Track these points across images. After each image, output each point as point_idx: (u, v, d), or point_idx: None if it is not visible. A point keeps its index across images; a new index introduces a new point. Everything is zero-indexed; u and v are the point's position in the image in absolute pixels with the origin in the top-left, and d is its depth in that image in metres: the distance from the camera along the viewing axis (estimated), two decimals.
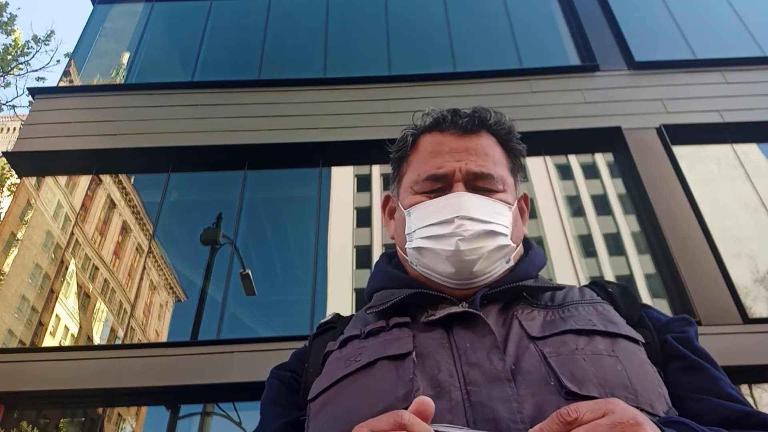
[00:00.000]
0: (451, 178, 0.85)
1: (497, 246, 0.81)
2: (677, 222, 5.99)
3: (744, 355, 5.03)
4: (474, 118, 0.89)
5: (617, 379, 0.64)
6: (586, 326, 0.72)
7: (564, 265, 6.11)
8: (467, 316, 0.74)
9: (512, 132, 0.92)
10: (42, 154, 6.91)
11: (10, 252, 6.83)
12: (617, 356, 0.68)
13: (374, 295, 0.88)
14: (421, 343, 0.72)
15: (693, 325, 0.82)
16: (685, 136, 6.70)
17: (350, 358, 0.75)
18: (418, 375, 0.67)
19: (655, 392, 0.66)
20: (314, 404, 0.73)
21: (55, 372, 5.28)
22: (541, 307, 0.78)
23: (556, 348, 0.68)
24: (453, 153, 0.86)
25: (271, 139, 6.90)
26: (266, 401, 0.84)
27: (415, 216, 0.85)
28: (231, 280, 6.13)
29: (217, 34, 8.71)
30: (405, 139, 0.93)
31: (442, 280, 0.82)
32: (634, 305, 0.82)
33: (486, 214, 0.82)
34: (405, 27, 8.59)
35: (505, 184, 0.88)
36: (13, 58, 14.85)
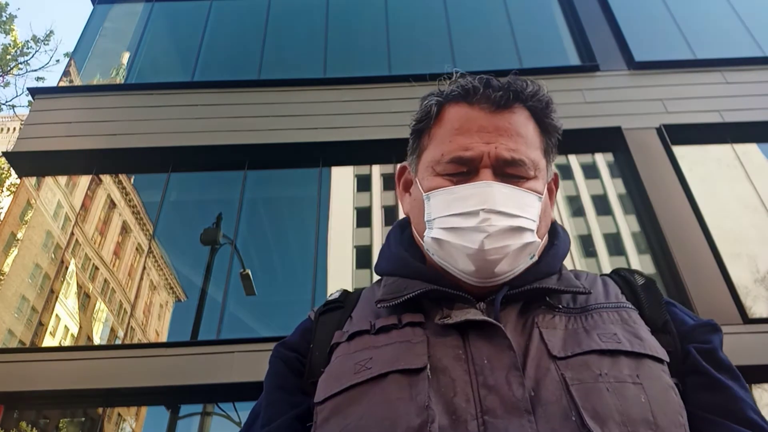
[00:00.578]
0: (478, 163, 0.77)
1: (522, 244, 0.75)
2: (677, 222, 5.99)
3: (744, 355, 5.02)
4: (509, 92, 0.79)
5: (640, 414, 0.61)
6: (611, 345, 0.68)
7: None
8: (485, 324, 0.69)
9: (550, 106, 0.85)
10: (42, 154, 6.91)
11: (10, 252, 6.83)
12: (641, 383, 0.64)
13: (384, 279, 0.83)
14: (435, 353, 0.68)
15: (719, 331, 0.77)
16: (685, 136, 6.70)
17: (360, 362, 0.71)
18: (432, 398, 0.63)
19: (677, 423, 0.63)
20: (321, 409, 0.70)
21: (55, 372, 5.28)
22: (563, 312, 0.73)
23: (578, 373, 0.64)
24: (482, 133, 0.78)
25: (271, 139, 6.90)
26: (272, 385, 0.81)
27: (436, 202, 0.78)
28: (231, 280, 6.13)
29: (217, 34, 8.71)
30: (429, 109, 0.83)
31: (459, 275, 0.76)
32: (659, 306, 0.77)
33: (514, 206, 0.75)
34: (405, 27, 8.59)
35: (537, 168, 0.80)
36: (12, 58, 14.85)
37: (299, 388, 0.78)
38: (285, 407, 0.76)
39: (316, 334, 0.82)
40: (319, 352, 0.79)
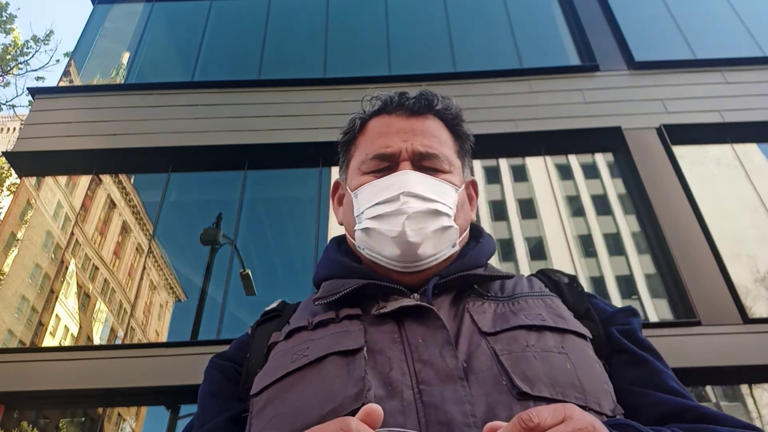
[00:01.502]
0: (397, 157, 0.85)
1: (441, 227, 0.80)
2: (677, 222, 5.99)
3: (744, 355, 5.03)
4: (421, 100, 0.89)
5: (567, 378, 0.65)
6: (536, 321, 0.72)
7: (564, 265, 6.11)
8: (419, 310, 0.72)
9: (459, 116, 0.93)
10: (42, 154, 6.91)
11: (10, 252, 6.83)
12: (567, 353, 0.68)
13: (323, 284, 0.85)
14: (372, 338, 0.71)
15: (637, 315, 0.83)
16: (685, 136, 6.70)
17: (297, 352, 0.72)
18: (369, 373, 0.65)
19: (602, 390, 0.67)
20: (257, 400, 0.70)
21: (55, 372, 5.28)
22: (492, 299, 0.78)
23: (507, 345, 0.68)
24: (400, 133, 0.87)
25: (271, 139, 6.90)
26: (205, 393, 0.81)
27: (362, 197, 0.85)
28: (231, 280, 6.13)
29: (217, 34, 8.71)
30: (353, 122, 0.94)
31: (387, 262, 0.81)
32: (581, 297, 0.83)
33: (431, 192, 0.82)
34: (405, 27, 8.59)
35: (452, 165, 0.88)
36: (12, 58, 14.85)
37: (235, 396, 0.78)
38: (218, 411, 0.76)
39: (253, 344, 0.82)
40: (255, 358, 0.79)
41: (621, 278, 6.16)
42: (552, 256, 6.28)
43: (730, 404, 5.28)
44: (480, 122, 6.97)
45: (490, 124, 6.95)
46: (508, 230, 6.66)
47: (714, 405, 5.26)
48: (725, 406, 5.24)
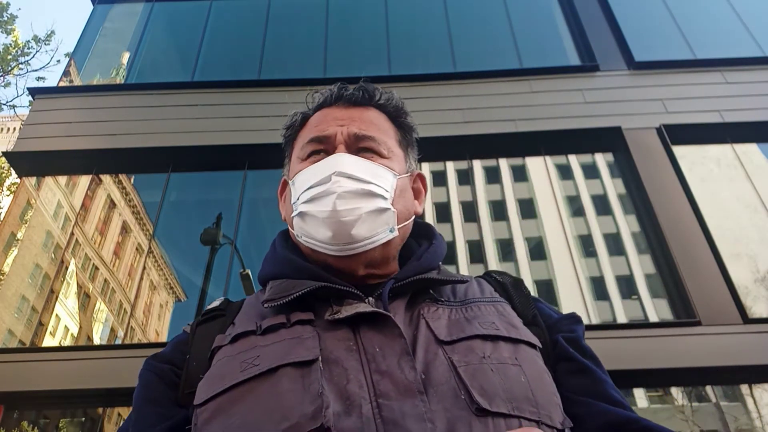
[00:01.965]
0: (333, 140, 0.83)
1: (376, 208, 0.78)
2: (677, 222, 5.99)
3: (744, 355, 5.03)
4: (362, 92, 0.88)
5: (522, 392, 0.65)
6: (491, 331, 0.71)
7: (564, 265, 6.11)
8: (375, 316, 0.70)
9: (401, 108, 0.91)
10: (42, 154, 6.91)
11: (10, 252, 6.83)
12: (520, 365, 0.68)
13: (270, 283, 0.80)
14: (327, 347, 0.67)
15: (581, 323, 0.83)
16: (685, 136, 6.70)
17: (246, 360, 0.67)
18: (325, 386, 0.62)
19: (553, 403, 0.67)
20: (202, 411, 0.65)
21: (55, 372, 5.28)
22: (446, 305, 0.76)
23: (465, 356, 0.67)
24: (337, 120, 0.85)
25: (271, 139, 6.89)
26: (141, 399, 0.76)
27: (298, 183, 0.83)
28: (231, 280, 6.13)
29: (217, 34, 8.71)
30: (294, 117, 0.93)
31: (322, 247, 0.78)
32: (528, 302, 0.82)
33: (364, 173, 0.79)
34: (405, 27, 8.59)
35: (391, 152, 0.85)
36: (13, 58, 14.85)
37: (173, 401, 0.73)
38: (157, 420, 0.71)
39: (194, 344, 0.77)
40: (197, 361, 0.74)
41: (621, 278, 6.16)
42: (552, 256, 6.28)
43: (730, 404, 5.28)
44: (480, 122, 6.98)
45: (490, 124, 6.95)
46: (508, 230, 6.66)
47: (714, 405, 5.26)
48: (725, 406, 5.24)
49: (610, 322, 5.81)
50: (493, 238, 6.52)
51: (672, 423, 5.19)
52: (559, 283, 6.10)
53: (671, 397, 5.48)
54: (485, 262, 6.23)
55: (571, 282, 5.94)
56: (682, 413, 5.26)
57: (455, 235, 6.70)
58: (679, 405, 5.40)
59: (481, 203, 6.77)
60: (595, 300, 5.91)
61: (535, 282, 6.29)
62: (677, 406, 5.38)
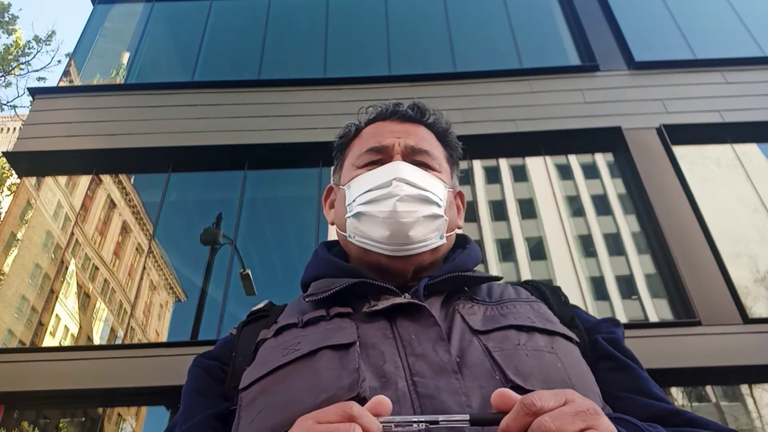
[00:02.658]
0: (390, 150, 0.88)
1: (432, 213, 0.82)
2: (677, 222, 5.99)
3: (744, 355, 5.03)
4: (416, 109, 0.95)
5: (558, 375, 0.65)
6: (526, 323, 0.73)
7: (564, 265, 6.11)
8: (411, 308, 0.73)
9: (449, 129, 0.97)
10: (42, 154, 6.91)
11: (10, 252, 6.83)
12: (556, 353, 0.69)
13: (312, 283, 0.84)
14: (364, 334, 0.70)
15: (620, 326, 0.84)
16: (685, 136, 6.70)
17: (288, 347, 0.71)
18: (362, 365, 0.65)
19: (592, 390, 0.68)
20: (247, 393, 0.69)
21: (55, 372, 5.28)
22: (481, 303, 0.79)
23: (499, 343, 0.69)
24: (393, 132, 0.91)
25: (271, 139, 6.90)
26: (189, 390, 0.78)
27: (355, 187, 0.86)
28: (231, 280, 6.13)
29: (217, 34, 8.71)
30: (348, 127, 0.98)
31: (377, 246, 0.81)
32: (566, 306, 0.84)
33: (422, 182, 0.84)
34: (405, 27, 8.59)
35: (441, 166, 0.91)
36: (14, 58, 14.86)
37: (219, 394, 0.77)
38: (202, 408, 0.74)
39: (239, 343, 0.81)
40: (242, 357, 0.78)
41: (621, 278, 6.16)
42: (552, 256, 6.28)
43: (730, 404, 5.28)
44: (480, 122, 6.97)
45: (490, 124, 6.95)
46: (508, 230, 6.66)
47: (714, 405, 5.26)
48: (725, 406, 5.24)
49: None
50: (493, 238, 6.52)
51: None
52: (559, 283, 6.09)
53: (671, 397, 5.48)
54: (485, 262, 6.23)
55: (571, 282, 5.94)
56: None
57: None
58: (679, 405, 5.40)
59: (481, 203, 6.77)
60: (595, 300, 5.91)
61: None
62: (677, 406, 5.38)
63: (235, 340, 0.83)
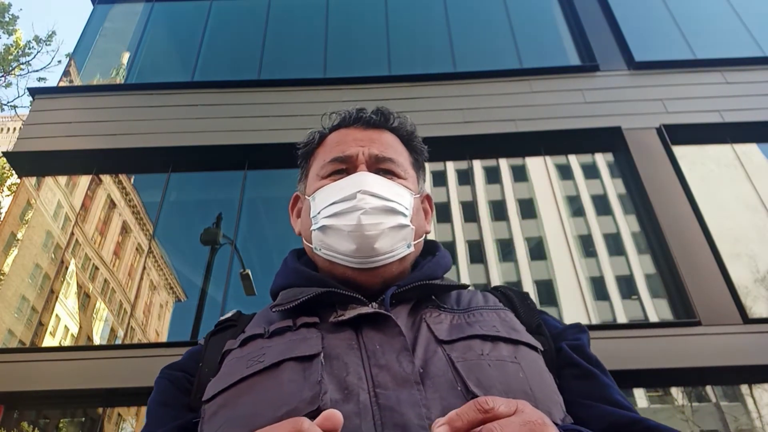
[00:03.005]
0: (354, 160, 0.87)
1: (397, 224, 0.82)
2: (677, 222, 5.99)
3: (744, 355, 5.03)
4: (379, 115, 0.93)
5: (519, 386, 0.66)
6: (491, 332, 0.73)
7: (564, 265, 6.11)
8: (377, 317, 0.73)
9: (413, 133, 0.96)
10: (42, 154, 6.91)
11: (10, 252, 6.83)
12: (519, 363, 0.70)
13: (281, 293, 0.84)
14: (329, 344, 0.70)
15: (585, 332, 0.85)
16: (685, 136, 6.70)
17: (252, 358, 0.71)
18: (325, 377, 0.65)
19: (553, 399, 0.69)
20: (210, 405, 0.69)
21: (55, 372, 5.28)
22: (448, 311, 0.79)
23: (463, 353, 0.69)
24: (357, 141, 0.90)
25: (271, 139, 6.90)
26: (154, 402, 0.78)
27: (319, 198, 0.86)
28: (231, 280, 6.13)
29: (217, 34, 8.71)
30: (312, 135, 0.98)
31: (343, 259, 0.81)
32: (533, 312, 0.84)
33: (387, 192, 0.83)
34: (405, 27, 8.59)
35: (407, 172, 0.90)
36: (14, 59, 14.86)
37: (185, 406, 0.76)
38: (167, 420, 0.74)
39: (206, 354, 0.80)
40: (208, 368, 0.77)
41: (621, 278, 6.16)
42: (552, 256, 6.28)
43: (730, 404, 5.28)
44: (480, 122, 6.98)
45: (490, 124, 6.95)
46: (508, 230, 6.66)
47: (714, 405, 5.26)
48: (725, 406, 5.24)
49: (610, 322, 5.81)
50: (493, 238, 6.52)
51: (672, 423, 5.18)
52: (559, 283, 6.10)
53: (671, 397, 5.48)
54: (485, 262, 6.23)
55: (571, 282, 5.94)
56: (682, 413, 5.26)
57: (455, 235, 6.70)
58: (679, 405, 5.40)
59: (481, 203, 6.77)
60: (595, 300, 5.90)
61: (535, 282, 6.28)
62: (677, 406, 5.38)
63: (203, 351, 0.82)
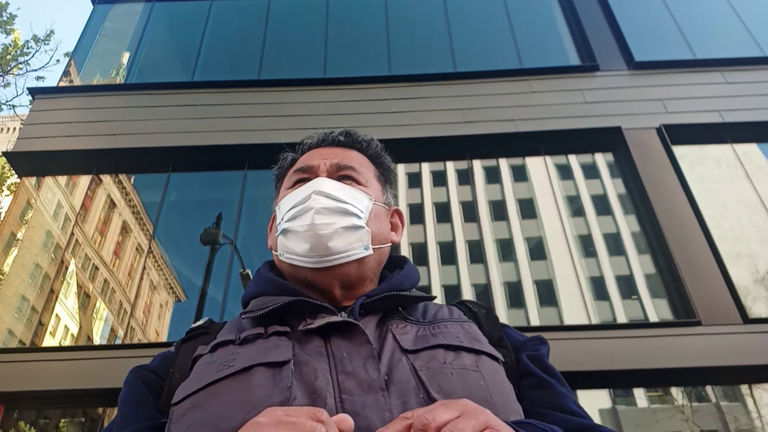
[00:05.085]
0: (316, 170, 0.92)
1: (351, 224, 0.84)
2: (677, 222, 5.99)
3: (744, 355, 5.03)
4: (347, 135, 0.98)
5: (480, 393, 0.68)
6: (454, 342, 0.76)
7: (564, 265, 6.11)
8: (346, 326, 0.74)
9: (381, 152, 1.00)
10: (42, 154, 6.91)
11: (10, 252, 6.83)
12: (480, 372, 0.72)
13: (251, 301, 0.86)
14: (299, 352, 0.72)
15: (545, 344, 0.88)
16: (685, 136, 6.70)
17: (223, 363, 0.72)
18: (294, 383, 0.67)
19: (512, 407, 0.71)
20: (178, 408, 0.69)
21: (55, 372, 5.28)
22: (414, 323, 0.81)
23: (426, 362, 0.71)
24: (321, 155, 0.95)
25: (271, 139, 6.89)
26: (127, 399, 0.78)
27: (282, 206, 0.90)
28: (231, 280, 6.13)
29: (217, 34, 8.71)
30: (284, 158, 1.04)
31: (300, 260, 0.83)
32: (496, 326, 0.87)
33: (341, 194, 0.86)
34: (405, 27, 8.59)
35: (369, 182, 0.93)
36: (12, 58, 14.85)
37: (156, 408, 0.76)
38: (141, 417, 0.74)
39: (177, 360, 0.81)
40: (180, 374, 0.77)
41: (621, 278, 6.16)
42: (552, 256, 6.28)
43: (730, 404, 5.28)
44: (480, 122, 6.98)
45: (490, 124, 6.95)
46: (508, 230, 6.66)
47: (714, 405, 5.26)
48: (725, 406, 5.24)
49: (610, 322, 5.82)
50: (493, 238, 6.52)
51: (672, 423, 5.20)
52: (559, 283, 6.10)
53: (671, 397, 5.48)
54: (485, 262, 6.23)
55: (571, 282, 5.94)
56: (682, 413, 5.26)
57: (455, 235, 6.71)
58: (679, 405, 5.40)
59: (481, 203, 6.77)
60: (595, 300, 5.90)
61: (535, 282, 6.29)
62: (677, 406, 5.38)
63: (174, 357, 0.83)
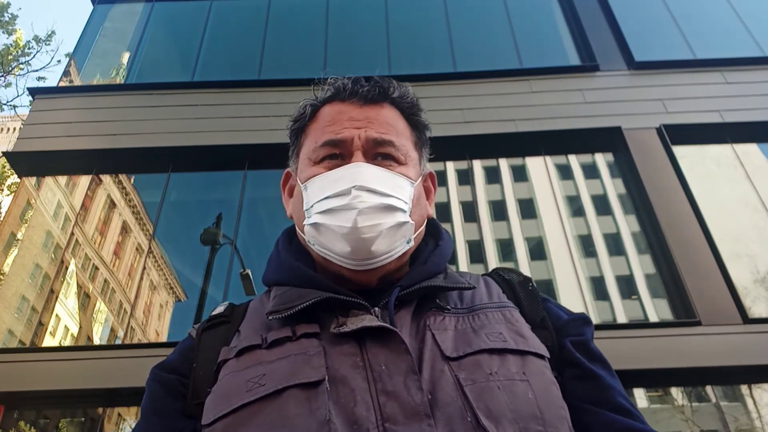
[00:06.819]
0: (350, 145, 0.80)
1: (396, 223, 0.76)
2: (677, 222, 5.99)
3: (744, 355, 5.03)
4: (377, 88, 0.84)
5: (529, 409, 0.65)
6: (498, 344, 0.71)
7: (564, 265, 6.11)
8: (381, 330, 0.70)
9: (416, 105, 0.88)
10: (42, 154, 6.91)
11: (10, 252, 6.83)
12: (528, 380, 0.68)
13: (274, 290, 0.80)
14: (333, 364, 0.67)
15: (590, 324, 0.82)
16: (685, 136, 6.70)
17: (251, 380, 0.67)
18: (332, 410, 0.62)
19: (560, 416, 0.67)
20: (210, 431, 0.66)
21: (55, 372, 5.28)
22: (452, 313, 0.76)
23: (471, 373, 0.67)
24: (353, 121, 0.82)
25: (271, 139, 6.88)
26: (148, 410, 0.75)
27: (312, 189, 0.80)
28: (231, 280, 6.13)
29: (217, 34, 8.71)
30: (303, 109, 0.89)
31: (338, 260, 0.77)
32: (536, 303, 0.82)
33: (385, 186, 0.77)
34: (405, 27, 8.59)
35: (408, 156, 0.83)
36: (13, 58, 14.86)
37: (181, 412, 0.73)
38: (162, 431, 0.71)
39: (199, 353, 0.77)
40: (203, 371, 0.74)
41: (621, 278, 6.16)
42: (552, 256, 6.28)
43: (730, 404, 5.28)
44: (480, 122, 6.98)
45: (490, 124, 6.95)
46: (508, 230, 6.66)
47: (714, 405, 5.26)
48: (725, 406, 5.24)
49: (610, 322, 5.82)
50: (493, 238, 6.52)
51: (672, 423, 5.19)
52: (559, 283, 6.10)
53: (671, 397, 5.48)
54: (485, 262, 6.23)
55: (571, 282, 5.94)
56: (682, 413, 5.26)
57: (455, 235, 6.70)
58: (679, 405, 5.40)
59: (481, 203, 6.77)
60: (595, 300, 5.91)
61: (535, 282, 6.28)
62: (677, 406, 5.38)
63: (195, 347, 0.78)
